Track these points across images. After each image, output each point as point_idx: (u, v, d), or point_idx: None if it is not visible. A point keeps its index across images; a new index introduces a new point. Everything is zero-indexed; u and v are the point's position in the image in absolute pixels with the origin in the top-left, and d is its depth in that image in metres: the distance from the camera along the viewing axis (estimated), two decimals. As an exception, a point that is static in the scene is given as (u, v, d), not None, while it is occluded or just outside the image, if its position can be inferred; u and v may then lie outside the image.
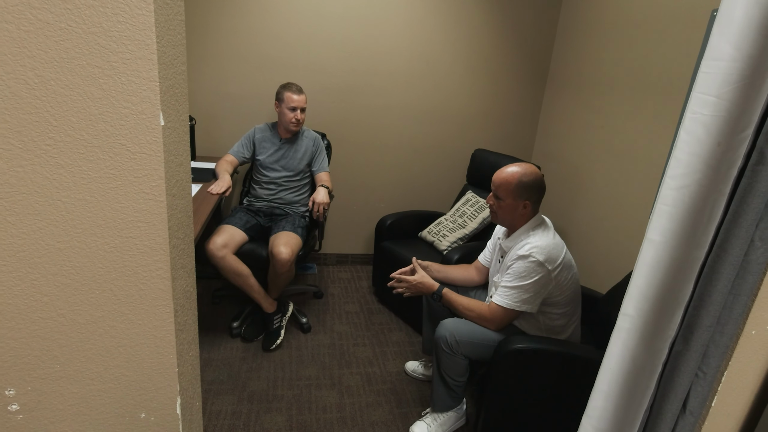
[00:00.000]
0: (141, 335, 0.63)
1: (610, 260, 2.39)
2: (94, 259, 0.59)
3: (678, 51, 2.02)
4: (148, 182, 0.57)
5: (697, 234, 0.74)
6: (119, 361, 0.65)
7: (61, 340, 0.61)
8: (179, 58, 0.60)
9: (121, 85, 0.53)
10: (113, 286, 0.61)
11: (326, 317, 2.49)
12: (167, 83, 0.56)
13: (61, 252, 0.58)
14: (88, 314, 0.61)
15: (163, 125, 0.56)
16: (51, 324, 0.60)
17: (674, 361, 0.75)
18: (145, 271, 0.61)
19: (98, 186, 0.56)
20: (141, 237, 0.59)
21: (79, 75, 0.52)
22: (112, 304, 0.61)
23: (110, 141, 0.55)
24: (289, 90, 2.22)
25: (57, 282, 0.59)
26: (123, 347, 0.64)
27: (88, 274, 0.59)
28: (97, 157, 0.55)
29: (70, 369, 0.63)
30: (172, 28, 0.57)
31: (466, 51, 2.88)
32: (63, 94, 0.52)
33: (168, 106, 0.57)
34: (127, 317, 0.62)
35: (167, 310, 0.62)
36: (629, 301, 0.84)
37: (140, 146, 0.56)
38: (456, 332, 1.55)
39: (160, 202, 0.58)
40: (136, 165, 0.56)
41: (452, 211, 2.65)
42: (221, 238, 2.05)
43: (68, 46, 0.51)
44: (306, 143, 2.37)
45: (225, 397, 1.83)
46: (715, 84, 0.70)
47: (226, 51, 2.58)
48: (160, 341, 0.64)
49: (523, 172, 1.54)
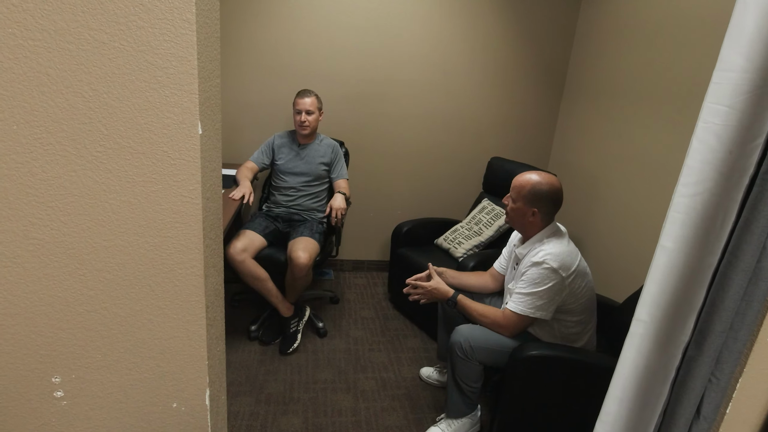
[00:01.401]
0: (175, 328, 0.68)
1: (626, 269, 2.37)
2: (136, 257, 0.64)
3: (696, 59, 2.01)
4: (186, 186, 0.62)
5: (710, 241, 0.76)
6: (154, 352, 0.69)
7: (103, 332, 0.67)
8: (215, 72, 0.65)
9: (165, 97, 0.58)
10: (151, 281, 0.66)
11: (342, 322, 2.52)
12: (205, 95, 0.61)
13: (106, 250, 0.63)
14: (129, 307, 0.66)
15: (201, 134, 0.61)
16: (95, 316, 0.66)
17: (687, 366, 0.76)
18: (181, 268, 0.66)
19: (141, 189, 0.62)
20: (178, 237, 0.64)
21: (128, 89, 0.57)
22: (150, 299, 0.66)
23: (153, 148, 0.60)
24: (298, 95, 2.29)
25: (102, 277, 0.64)
26: (158, 339, 0.69)
27: (130, 270, 0.65)
28: (142, 163, 0.61)
29: (111, 359, 0.68)
30: (210, 45, 0.62)
31: (482, 59, 2.91)
32: (113, 105, 0.58)
33: (205, 116, 0.62)
34: (163, 311, 0.67)
35: (200, 305, 0.67)
36: (642, 306, 0.85)
37: (180, 153, 0.61)
38: (471, 338, 1.56)
39: (196, 205, 0.63)
40: (176, 170, 0.62)
41: (468, 219, 2.67)
42: (241, 242, 2.10)
43: (120, 63, 0.56)
44: (324, 149, 2.43)
45: (243, 399, 1.87)
46: (726, 94, 0.72)
47: (247, 62, 2.67)
48: (193, 335, 0.69)
49: (540, 180, 1.55)
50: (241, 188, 2.17)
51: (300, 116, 2.29)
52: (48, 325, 0.64)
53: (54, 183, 0.59)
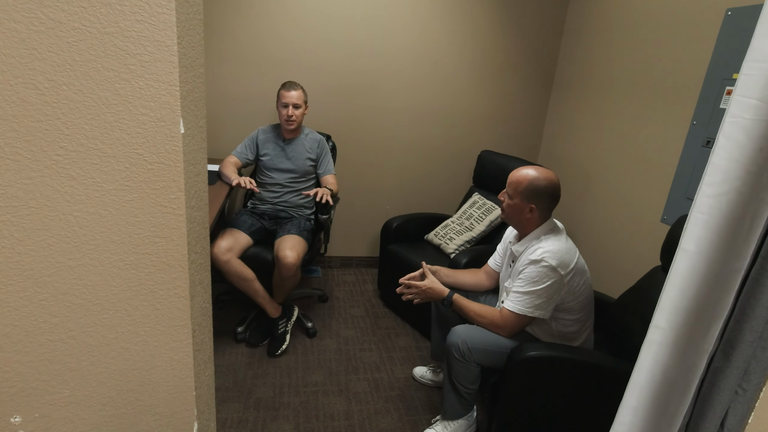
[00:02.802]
0: (157, 357, 0.60)
1: (619, 264, 2.36)
2: (108, 278, 0.55)
3: (689, 52, 1.98)
4: (167, 194, 0.53)
5: (737, 244, 0.71)
6: (133, 385, 0.61)
7: (71, 364, 0.58)
8: (198, 60, 0.56)
9: (139, 89, 0.49)
10: (128, 305, 0.57)
11: (332, 322, 2.45)
12: (187, 87, 0.53)
13: (72, 270, 0.54)
14: (101, 336, 0.57)
15: (183, 133, 0.52)
16: (61, 347, 0.57)
17: (713, 377, 0.72)
18: (163, 289, 0.57)
19: (113, 199, 0.53)
20: (158, 253, 0.55)
21: (93, 79, 0.48)
22: (126, 325, 0.58)
23: (126, 150, 0.51)
24: (283, 88, 2.20)
25: (68, 302, 0.55)
26: (137, 370, 0.60)
27: (101, 293, 0.56)
28: (112, 168, 0.52)
29: (81, 394, 0.60)
30: (192, 28, 0.53)
31: (472, 52, 2.85)
32: (76, 99, 0.48)
33: (188, 112, 0.53)
34: (142, 338, 0.59)
35: (185, 330, 0.59)
36: (661, 313, 0.80)
37: (159, 156, 0.52)
38: (468, 339, 1.51)
39: (179, 216, 0.54)
40: (153, 176, 0.53)
41: (459, 214, 2.62)
42: (225, 242, 2.01)
43: (82, 48, 0.47)
44: (310, 144, 2.34)
45: (231, 405, 1.79)
46: (758, 86, 0.67)
47: (229, 52, 2.54)
48: (177, 363, 0.60)
49: (537, 175, 1.51)
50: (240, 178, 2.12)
51: (286, 110, 2.19)
52: (4, 358, 0.55)
53: (5, 193, 0.49)
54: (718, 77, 1.83)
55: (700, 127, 1.91)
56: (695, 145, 1.93)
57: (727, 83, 1.80)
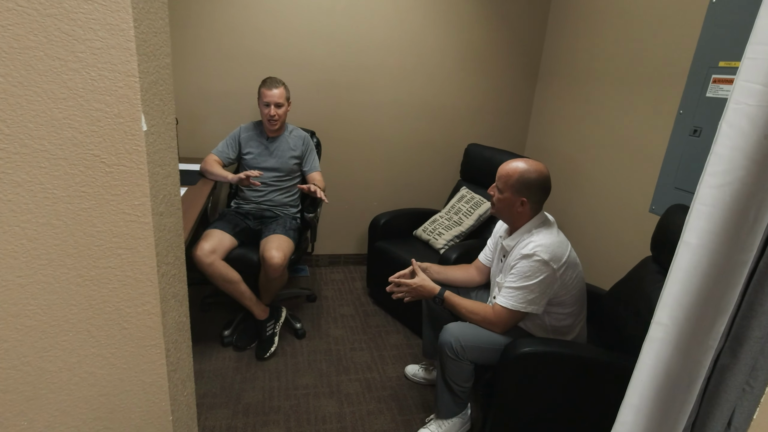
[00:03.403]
0: (126, 381, 0.54)
1: (609, 255, 2.36)
2: (65, 296, 0.49)
3: (674, 40, 1.97)
4: (130, 200, 0.47)
5: (741, 236, 0.68)
6: (101, 412, 0.54)
7: (27, 393, 0.51)
8: (162, 49, 0.50)
9: (92, 81, 0.42)
10: (90, 326, 0.51)
11: (321, 321, 2.40)
12: (149, 79, 0.47)
13: (23, 288, 0.48)
14: (61, 361, 0.51)
15: (146, 130, 0.46)
16: (14, 374, 0.50)
17: (720, 375, 0.69)
18: (129, 306, 0.51)
19: (66, 207, 0.46)
20: (122, 266, 0.49)
21: (35, 69, 0.41)
22: (89, 347, 0.51)
23: (80, 151, 0.44)
24: (263, 86, 2.12)
25: (19, 324, 0.49)
26: (105, 396, 0.54)
27: (59, 313, 0.49)
28: (64, 172, 0.45)
29: (41, 425, 0.53)
30: (154, 12, 0.46)
31: (456, 44, 2.80)
32: (15, 93, 0.42)
33: (151, 107, 0.47)
34: (108, 361, 0.52)
35: (157, 350, 0.53)
36: (663, 309, 0.78)
37: (118, 157, 0.46)
38: (461, 337, 1.48)
39: (144, 224, 0.48)
40: (113, 180, 0.46)
41: (447, 208, 2.58)
42: (209, 243, 1.94)
43: (19, 33, 0.40)
44: (294, 141, 2.27)
45: (218, 411, 1.74)
46: (763, 71, 0.64)
47: (208, 47, 2.45)
48: (150, 386, 0.54)
49: (528, 168, 1.48)
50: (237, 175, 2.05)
51: (269, 110, 2.11)
52: (-50, 386, 0.48)
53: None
54: (704, 65, 1.82)
55: (686, 116, 1.90)
56: (682, 134, 1.93)
57: (713, 71, 1.79)
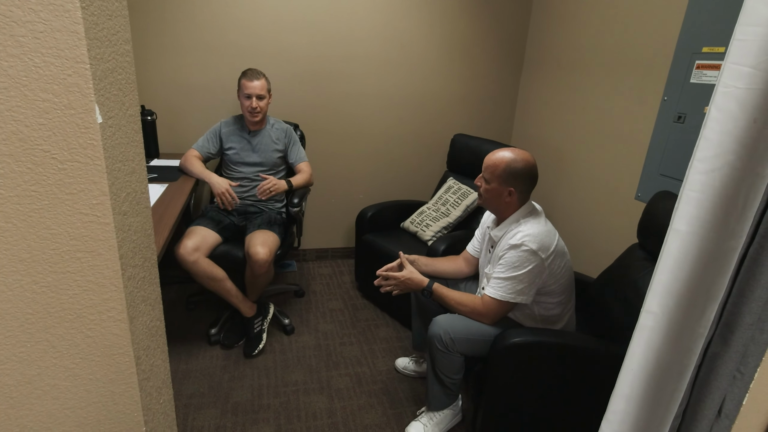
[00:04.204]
0: (93, 392, 0.50)
1: (596, 243, 2.37)
2: (20, 305, 0.45)
3: (658, 27, 1.97)
4: (86, 199, 0.43)
5: (731, 222, 0.67)
6: (68, 427, 0.51)
7: (-16, 408, 0.48)
8: (120, 34, 0.45)
9: (35, 68, 0.38)
10: (49, 335, 0.47)
11: (309, 316, 2.38)
12: (104, 66, 0.43)
13: (-27, 296, 0.44)
14: (19, 373, 0.47)
15: (102, 122, 0.42)
16: (-32, 388, 0.47)
17: (711, 363, 0.69)
18: (93, 313, 0.47)
19: (15, 208, 0.42)
20: (83, 271, 0.45)
21: (-33, 55, 0.37)
22: (50, 358, 0.48)
23: (27, 147, 0.40)
24: (244, 77, 2.07)
25: (-28, 334, 0.45)
26: (71, 409, 0.50)
27: (13, 322, 0.45)
28: (10, 170, 0.41)
29: (1, 441, 0.50)
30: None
31: (440, 33, 2.77)
32: (-49, 84, 0.38)
33: (107, 97, 0.43)
34: (72, 372, 0.49)
35: (126, 358, 0.49)
36: (653, 297, 0.77)
37: (71, 152, 0.42)
38: (451, 329, 1.47)
39: (105, 224, 0.44)
40: (66, 177, 0.42)
41: (434, 200, 2.57)
42: (192, 241, 1.89)
43: (-49, 17, 0.36)
44: (276, 134, 2.22)
45: (207, 411, 1.71)
46: (752, 53, 0.62)
47: (187, 39, 2.38)
48: (120, 397, 0.51)
49: (514, 157, 1.46)
50: (220, 185, 2.01)
51: (250, 102, 2.06)
52: None
53: None
54: (688, 52, 1.82)
55: (671, 103, 1.91)
56: (667, 120, 1.93)
57: (696, 57, 1.79)
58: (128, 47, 0.48)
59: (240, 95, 2.10)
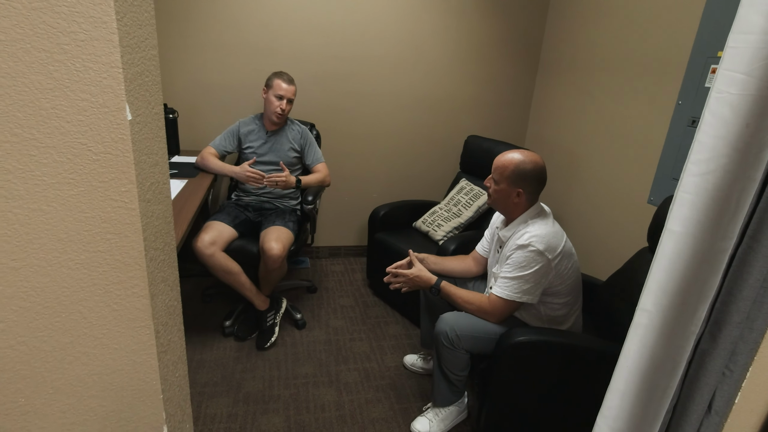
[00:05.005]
0: (118, 361, 0.56)
1: (607, 246, 2.36)
2: (57, 279, 0.51)
3: (674, 31, 1.96)
4: (117, 187, 0.49)
5: (723, 224, 0.69)
6: (95, 390, 0.57)
7: (23, 371, 0.54)
8: (148, 41, 0.51)
9: (76, 72, 0.44)
10: (82, 307, 0.53)
11: (321, 312, 2.43)
12: (134, 70, 0.48)
13: (16, 271, 0.50)
14: (55, 340, 0.53)
15: (131, 119, 0.48)
16: (10, 354, 0.53)
17: (700, 359, 0.71)
18: (119, 288, 0.53)
19: (56, 194, 0.48)
20: (111, 251, 0.51)
21: (22, 61, 0.43)
22: (82, 328, 0.54)
23: (67, 140, 0.46)
24: (280, 78, 2.13)
25: (14, 306, 0.51)
26: (98, 375, 0.56)
27: (51, 295, 0.52)
28: (53, 160, 0.47)
29: (37, 402, 0.56)
30: (137, 5, 0.48)
31: (456, 35, 2.79)
32: (4, 84, 0.44)
33: (136, 96, 0.49)
34: (100, 341, 0.55)
35: (147, 331, 0.55)
36: (648, 295, 0.79)
37: (104, 145, 0.48)
38: (457, 327, 1.50)
39: (131, 210, 0.50)
40: (100, 167, 0.48)
41: (446, 200, 2.59)
42: (209, 235, 1.97)
43: (6, 25, 0.42)
44: (293, 135, 2.29)
45: (219, 400, 1.77)
46: (744, 60, 0.64)
47: (207, 40, 2.46)
48: (141, 366, 0.57)
49: (523, 159, 1.48)
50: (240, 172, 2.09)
51: (280, 103, 2.13)
52: (-53, 368, 0.51)
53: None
54: (703, 56, 1.81)
55: (685, 107, 1.90)
56: (680, 125, 1.92)
57: (711, 61, 1.78)
58: (154, 52, 0.53)
59: (270, 93, 2.15)
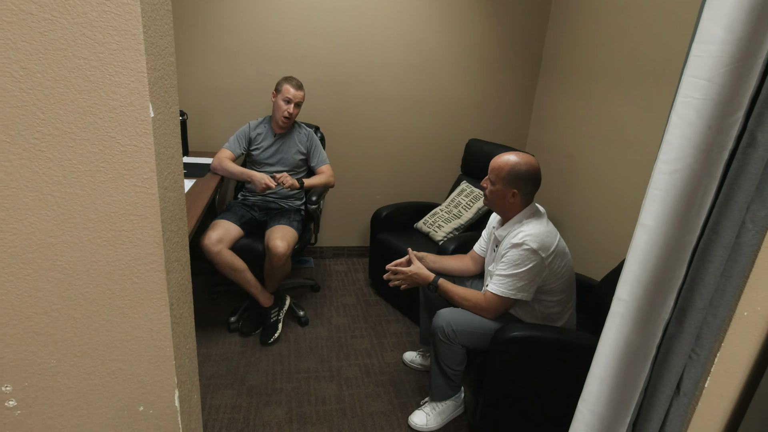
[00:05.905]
0: (137, 329, 0.63)
1: (605, 247, 2.41)
2: (87, 254, 0.59)
3: (671, 36, 2.01)
4: (140, 175, 0.57)
5: (690, 218, 0.75)
6: (116, 355, 0.65)
7: (56, 336, 0.61)
8: (167, 49, 0.59)
9: (109, 76, 0.52)
10: (107, 280, 0.61)
11: (324, 310, 2.49)
12: (156, 74, 0.56)
13: (53, 247, 0.58)
14: (83, 309, 0.61)
15: (153, 117, 0.55)
16: (45, 319, 0.60)
17: (668, 343, 0.76)
18: (139, 264, 0.60)
19: (89, 179, 0.56)
20: (134, 230, 0.59)
21: (65, 67, 0.51)
22: (107, 298, 0.62)
23: (99, 134, 0.54)
24: (289, 83, 2.21)
25: (50, 277, 0.59)
26: (119, 341, 0.64)
27: (82, 268, 0.59)
28: (87, 151, 0.55)
29: (67, 364, 0.64)
30: (159, 18, 0.56)
31: (458, 40, 2.87)
32: (49, 86, 0.52)
33: (157, 97, 0.56)
34: (122, 311, 0.62)
35: (162, 303, 0.62)
36: (623, 286, 0.84)
37: (130, 138, 0.55)
38: (453, 322, 1.55)
39: (152, 195, 0.58)
40: (126, 157, 0.56)
41: (447, 202, 2.65)
42: (216, 233, 2.04)
43: (53, 38, 0.50)
44: (300, 138, 2.36)
45: (224, 392, 1.83)
46: (706, 67, 0.70)
47: (216, 45, 2.55)
48: (156, 334, 0.64)
49: (518, 161, 1.54)
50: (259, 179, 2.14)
51: (288, 107, 2.21)
52: (-7, 331, 0.58)
53: (-14, 175, 0.53)
54: (697, 62, 1.86)
55: (679, 112, 1.94)
56: (675, 129, 1.96)
57: (705, 68, 1.83)
58: (173, 59, 0.61)
59: (278, 97, 2.23)
